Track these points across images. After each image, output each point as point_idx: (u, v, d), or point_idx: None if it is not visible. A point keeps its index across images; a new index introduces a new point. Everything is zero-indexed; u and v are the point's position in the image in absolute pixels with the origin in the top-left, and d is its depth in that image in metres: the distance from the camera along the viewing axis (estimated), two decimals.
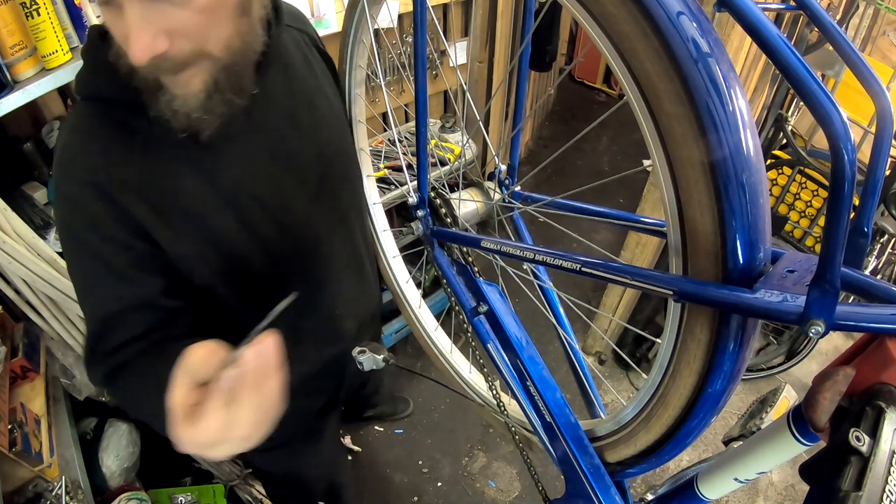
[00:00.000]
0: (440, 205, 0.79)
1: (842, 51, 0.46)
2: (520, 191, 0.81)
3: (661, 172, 0.44)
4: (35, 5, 1.06)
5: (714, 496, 0.60)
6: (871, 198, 0.46)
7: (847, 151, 0.34)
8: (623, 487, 0.67)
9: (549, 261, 0.57)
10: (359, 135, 0.93)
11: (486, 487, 1.90)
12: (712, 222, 0.41)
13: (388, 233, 1.00)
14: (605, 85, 4.16)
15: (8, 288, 1.17)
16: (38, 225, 1.22)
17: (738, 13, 0.38)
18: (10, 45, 1.05)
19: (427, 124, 0.74)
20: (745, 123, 0.39)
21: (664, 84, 0.40)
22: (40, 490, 1.11)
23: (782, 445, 0.50)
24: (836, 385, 0.42)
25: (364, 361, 0.92)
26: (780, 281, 0.41)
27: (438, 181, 0.83)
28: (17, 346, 1.26)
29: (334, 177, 0.81)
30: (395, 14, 1.71)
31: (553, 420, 0.67)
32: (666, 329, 0.51)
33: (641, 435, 0.59)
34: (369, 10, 0.76)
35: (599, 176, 3.40)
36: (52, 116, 1.50)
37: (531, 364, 0.70)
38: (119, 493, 1.32)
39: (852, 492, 0.36)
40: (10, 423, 1.10)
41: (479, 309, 0.73)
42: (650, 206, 1.76)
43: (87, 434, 1.44)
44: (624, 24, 0.41)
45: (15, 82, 1.08)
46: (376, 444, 2.02)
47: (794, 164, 1.88)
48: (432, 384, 0.93)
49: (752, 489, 1.91)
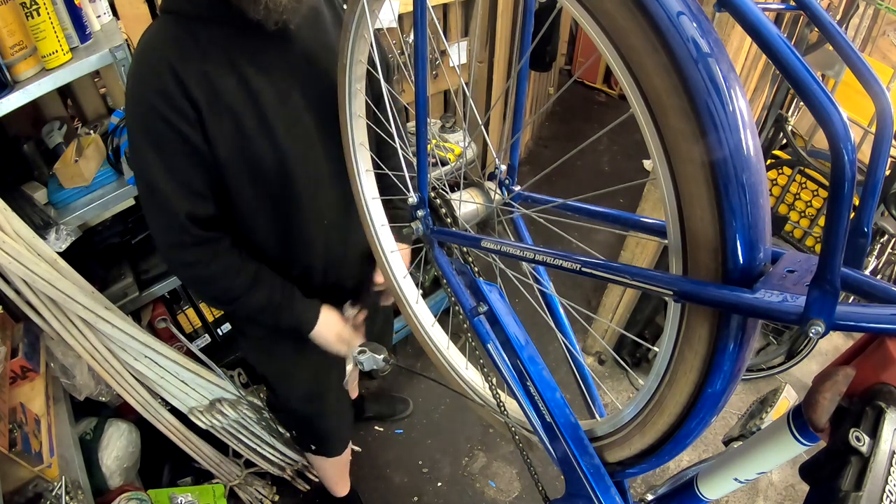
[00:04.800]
0: (440, 205, 0.79)
1: (842, 51, 0.46)
2: (520, 191, 0.81)
3: (661, 172, 0.44)
4: (35, 5, 1.06)
5: (714, 496, 0.60)
6: (871, 198, 0.46)
7: (847, 151, 0.34)
8: (623, 487, 0.67)
9: (549, 261, 0.57)
10: (358, 129, 0.94)
11: (486, 487, 1.90)
12: (712, 222, 0.41)
13: (386, 228, 1.00)
14: (605, 85, 4.17)
15: (8, 288, 1.17)
16: (38, 225, 1.22)
17: (738, 13, 0.38)
18: (10, 45, 1.05)
19: (427, 124, 0.74)
20: (745, 123, 0.39)
21: (664, 84, 0.40)
22: (40, 490, 1.11)
23: (782, 445, 0.50)
24: (836, 385, 0.42)
25: (364, 361, 0.92)
26: (780, 281, 0.41)
27: (439, 181, 0.83)
28: (17, 346, 1.26)
29: (332, 113, 0.96)
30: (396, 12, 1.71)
31: (553, 420, 0.67)
32: (666, 330, 0.51)
33: (641, 435, 0.59)
34: (369, 8, 0.76)
35: (600, 176, 3.41)
36: (52, 116, 1.50)
37: (531, 364, 0.69)
38: (119, 493, 1.32)
39: (852, 492, 0.36)
40: (10, 423, 1.10)
41: (478, 309, 0.73)
42: (650, 207, 1.76)
43: (87, 434, 1.44)
44: (623, 23, 0.41)
45: (15, 82, 1.08)
46: (376, 444, 2.02)
47: (794, 164, 1.88)
48: (432, 384, 0.93)
49: (752, 489, 1.91)
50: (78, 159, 1.30)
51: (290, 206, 1.00)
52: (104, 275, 1.50)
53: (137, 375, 1.38)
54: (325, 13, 1.00)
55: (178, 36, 0.85)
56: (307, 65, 0.95)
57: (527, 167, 3.23)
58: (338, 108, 0.94)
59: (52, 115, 1.50)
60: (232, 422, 1.54)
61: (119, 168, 1.36)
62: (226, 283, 1.00)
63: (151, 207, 0.93)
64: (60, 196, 1.32)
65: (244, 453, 1.64)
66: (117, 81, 1.28)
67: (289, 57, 0.92)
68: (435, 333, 0.98)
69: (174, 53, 0.84)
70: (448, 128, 1.94)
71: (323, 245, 1.09)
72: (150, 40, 0.87)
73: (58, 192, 1.32)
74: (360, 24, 0.79)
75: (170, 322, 1.61)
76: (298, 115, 0.95)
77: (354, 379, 1.89)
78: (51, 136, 1.44)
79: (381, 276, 1.06)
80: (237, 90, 0.87)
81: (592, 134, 0.68)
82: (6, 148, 1.40)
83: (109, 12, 1.33)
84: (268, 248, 1.06)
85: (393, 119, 0.84)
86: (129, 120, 0.90)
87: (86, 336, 1.26)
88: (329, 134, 0.97)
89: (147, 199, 0.92)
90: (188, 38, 0.85)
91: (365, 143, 0.96)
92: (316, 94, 0.96)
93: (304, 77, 0.94)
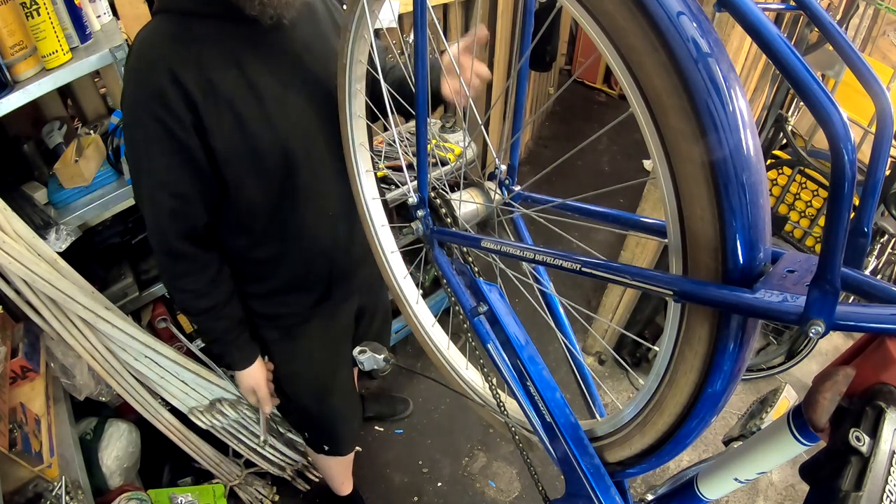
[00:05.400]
0: (440, 205, 0.79)
1: (842, 51, 0.46)
2: (520, 191, 0.81)
3: (661, 172, 0.44)
4: (35, 5, 1.06)
5: (714, 496, 0.60)
6: (871, 198, 0.46)
7: (847, 151, 0.34)
8: (623, 487, 0.67)
9: (549, 261, 0.57)
10: (358, 130, 0.94)
11: (486, 487, 1.90)
12: (712, 222, 0.41)
13: (387, 228, 1.00)
14: (606, 85, 4.17)
15: (8, 288, 1.17)
16: (38, 225, 1.22)
17: (738, 13, 0.38)
18: (10, 45, 1.05)
19: (427, 124, 0.74)
20: (745, 123, 0.39)
21: (664, 84, 0.40)
22: (40, 490, 1.10)
23: (782, 445, 0.50)
24: (836, 385, 0.42)
25: (365, 361, 0.92)
26: (780, 281, 0.41)
27: (439, 181, 0.83)
28: (17, 346, 1.26)
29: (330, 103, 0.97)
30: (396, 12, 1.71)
31: (553, 420, 0.67)
32: (666, 330, 0.51)
33: (641, 435, 0.59)
34: (369, 8, 0.76)
35: (600, 175, 3.41)
36: (52, 116, 1.50)
37: (531, 364, 0.69)
38: (119, 493, 1.32)
39: (852, 492, 0.36)
40: (10, 423, 1.10)
41: (478, 309, 0.73)
42: (650, 207, 1.76)
43: (87, 434, 1.44)
44: (623, 23, 0.41)
45: (15, 82, 1.08)
46: (376, 444, 2.02)
47: (794, 164, 1.88)
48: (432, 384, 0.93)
49: (752, 489, 1.91)
50: (78, 159, 1.30)
51: (293, 196, 1.01)
52: (104, 275, 1.50)
53: (137, 375, 1.38)
54: (317, 5, 1.02)
55: (175, 33, 0.86)
56: (305, 56, 0.96)
57: (527, 167, 3.23)
58: (336, 98, 0.94)
59: (52, 115, 1.50)
60: (232, 422, 1.54)
61: (119, 168, 1.36)
62: (187, 300, 1.06)
63: (141, 204, 0.97)
64: (60, 196, 1.32)
65: (244, 453, 1.64)
66: (117, 81, 1.28)
67: (287, 49, 0.94)
68: (435, 333, 0.97)
69: (170, 51, 0.85)
70: (448, 128, 1.94)
71: (329, 236, 1.10)
72: (146, 38, 0.88)
73: (58, 192, 1.32)
74: (360, 25, 0.79)
75: (170, 322, 1.61)
76: (299, 105, 0.95)
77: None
78: (51, 136, 1.44)
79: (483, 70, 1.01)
80: (236, 83, 0.88)
81: (592, 134, 0.68)
82: (6, 148, 1.40)
83: (109, 12, 1.33)
84: (268, 244, 1.06)
85: (393, 119, 0.84)
86: (124, 119, 0.91)
87: (86, 336, 1.26)
88: (330, 124, 0.98)
89: (137, 197, 0.97)
90: (185, 34, 0.86)
91: (365, 143, 0.96)
92: (315, 84, 0.97)
93: (302, 68, 0.96)
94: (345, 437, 1.52)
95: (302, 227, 1.06)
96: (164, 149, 0.88)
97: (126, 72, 0.89)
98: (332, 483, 1.74)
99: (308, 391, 1.35)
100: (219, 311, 1.07)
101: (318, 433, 1.49)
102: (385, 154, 1.72)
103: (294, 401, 1.38)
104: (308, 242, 1.09)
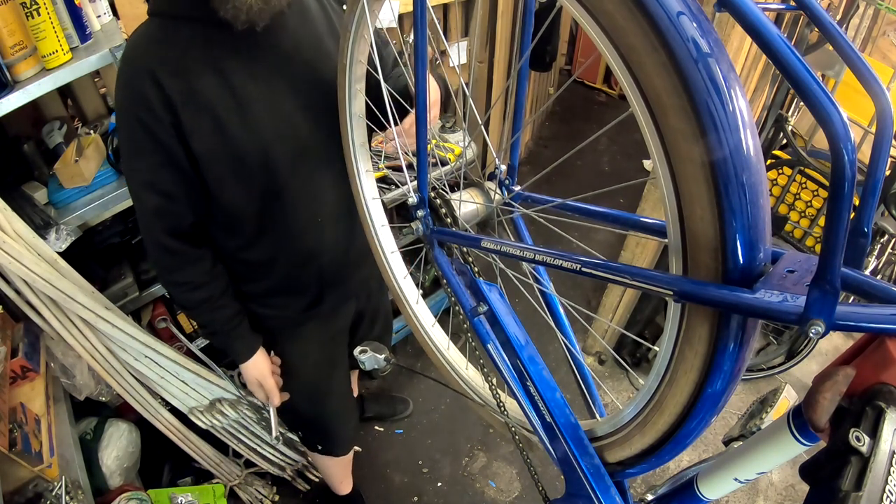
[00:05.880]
0: (440, 205, 0.79)
1: (842, 51, 0.46)
2: (520, 191, 0.81)
3: (661, 172, 0.44)
4: (35, 5, 1.06)
5: (714, 496, 0.60)
6: (871, 198, 0.46)
7: (847, 151, 0.34)
8: (623, 487, 0.67)
9: (549, 261, 0.57)
10: (358, 130, 0.93)
11: (486, 487, 1.90)
12: (712, 222, 0.41)
13: (387, 228, 0.99)
14: (606, 85, 4.16)
15: (8, 288, 1.17)
16: (38, 225, 1.22)
17: (738, 13, 0.38)
18: (10, 45, 1.05)
19: (427, 124, 0.74)
20: (745, 123, 0.39)
21: (664, 84, 0.40)
22: (40, 490, 1.11)
23: (782, 445, 0.50)
24: (836, 385, 0.42)
25: (366, 361, 0.92)
26: (780, 281, 0.41)
27: (439, 181, 0.83)
28: (17, 346, 1.26)
29: (322, 107, 0.97)
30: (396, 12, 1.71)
31: (553, 420, 0.67)
32: (666, 329, 0.51)
33: (641, 435, 0.59)
34: (369, 8, 0.76)
35: (600, 175, 3.41)
36: (52, 116, 1.50)
37: (531, 364, 0.69)
38: (119, 493, 1.32)
39: (852, 492, 0.36)
40: (10, 423, 1.10)
41: (478, 309, 0.73)
42: (650, 207, 1.76)
43: (87, 434, 1.44)
44: (623, 23, 0.41)
45: (15, 82, 1.08)
46: (376, 444, 2.02)
47: (794, 164, 1.88)
48: (432, 384, 0.93)
49: (752, 489, 1.91)
50: (78, 159, 1.30)
51: (280, 199, 1.01)
52: (104, 275, 1.50)
53: (137, 375, 1.38)
54: (311, 7, 1.01)
55: (159, 37, 0.88)
56: (296, 58, 0.95)
57: (527, 167, 3.23)
58: (329, 100, 0.94)
59: (52, 115, 1.50)
60: (232, 422, 1.54)
61: (119, 168, 1.36)
62: (182, 293, 1.06)
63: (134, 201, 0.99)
64: (60, 196, 1.32)
65: (244, 453, 1.64)
66: None
67: (275, 52, 0.93)
68: (435, 333, 0.97)
69: (153, 55, 0.86)
70: (448, 128, 1.93)
71: (320, 240, 1.10)
72: (132, 42, 0.90)
73: (58, 192, 1.32)
74: (360, 25, 0.79)
75: (170, 322, 1.61)
76: (286, 109, 0.95)
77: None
78: (51, 136, 1.44)
79: None
80: (216, 87, 0.88)
81: (592, 134, 0.68)
82: (6, 148, 1.40)
83: (109, 12, 1.34)
84: (259, 246, 1.07)
85: (393, 119, 0.84)
86: (115, 120, 0.94)
87: (86, 336, 1.26)
88: (324, 127, 0.97)
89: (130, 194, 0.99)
90: (169, 38, 0.87)
91: (365, 143, 0.95)
92: (306, 87, 0.96)
93: (292, 71, 0.95)
94: (339, 439, 1.52)
95: (291, 230, 1.06)
96: (148, 149, 0.90)
97: (116, 74, 0.91)
98: (332, 482, 1.74)
99: (303, 393, 1.35)
100: (214, 302, 1.07)
101: (311, 433, 1.50)
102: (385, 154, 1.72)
103: (288, 401, 1.39)
104: (298, 246, 1.09)
